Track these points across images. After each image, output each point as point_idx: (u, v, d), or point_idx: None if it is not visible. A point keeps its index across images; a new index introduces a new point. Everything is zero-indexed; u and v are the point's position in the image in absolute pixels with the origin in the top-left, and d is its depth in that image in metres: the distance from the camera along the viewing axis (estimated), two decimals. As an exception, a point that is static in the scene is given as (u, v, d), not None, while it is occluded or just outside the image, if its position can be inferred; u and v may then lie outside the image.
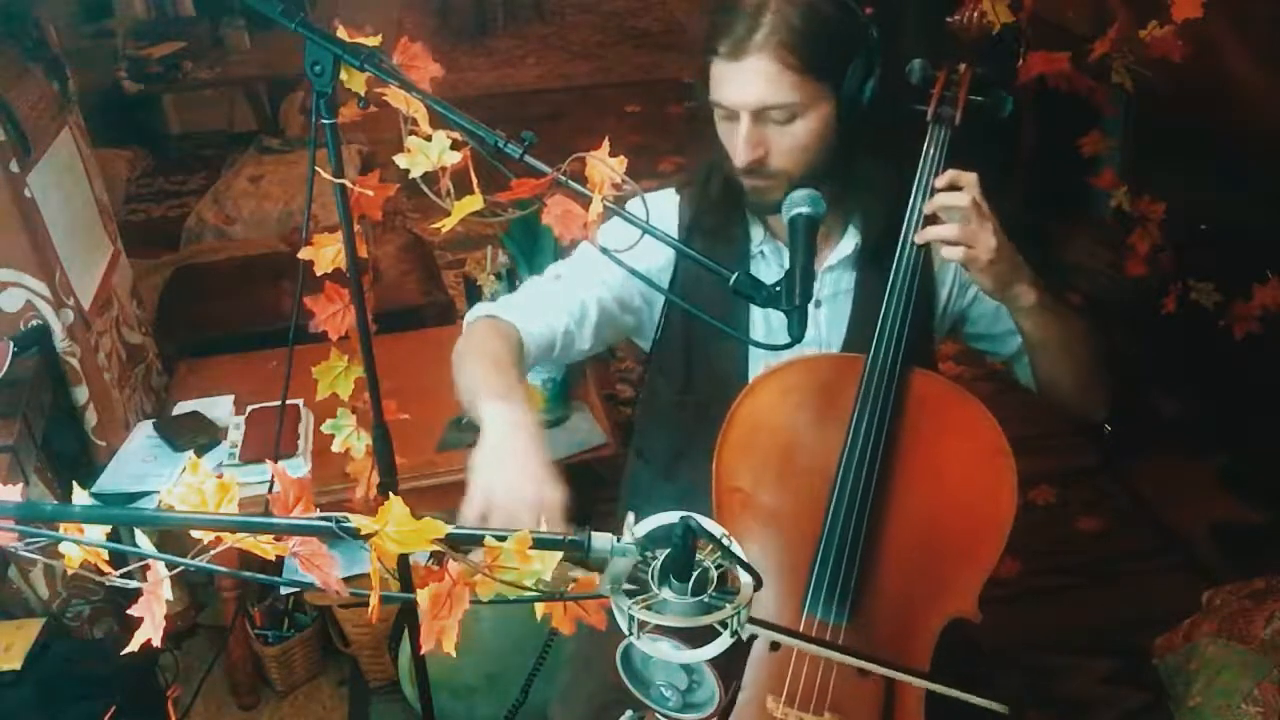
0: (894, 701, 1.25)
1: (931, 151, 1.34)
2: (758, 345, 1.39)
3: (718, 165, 1.39)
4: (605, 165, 1.02)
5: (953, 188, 1.27)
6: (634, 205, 1.08)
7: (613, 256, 1.11)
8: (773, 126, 1.29)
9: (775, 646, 1.27)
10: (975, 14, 1.40)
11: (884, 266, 1.33)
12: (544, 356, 1.42)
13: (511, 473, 1.11)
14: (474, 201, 1.02)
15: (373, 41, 1.06)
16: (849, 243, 1.43)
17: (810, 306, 1.41)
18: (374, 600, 0.77)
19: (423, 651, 0.80)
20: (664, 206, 1.48)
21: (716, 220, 1.43)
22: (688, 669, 0.88)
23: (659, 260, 1.43)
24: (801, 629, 1.27)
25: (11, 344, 1.93)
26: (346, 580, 0.77)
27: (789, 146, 1.30)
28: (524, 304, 1.42)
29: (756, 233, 1.45)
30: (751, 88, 1.27)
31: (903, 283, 1.31)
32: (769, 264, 1.45)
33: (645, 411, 1.64)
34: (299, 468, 2.00)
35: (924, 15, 1.59)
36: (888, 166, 1.38)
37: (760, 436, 1.35)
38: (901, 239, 1.32)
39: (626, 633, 0.84)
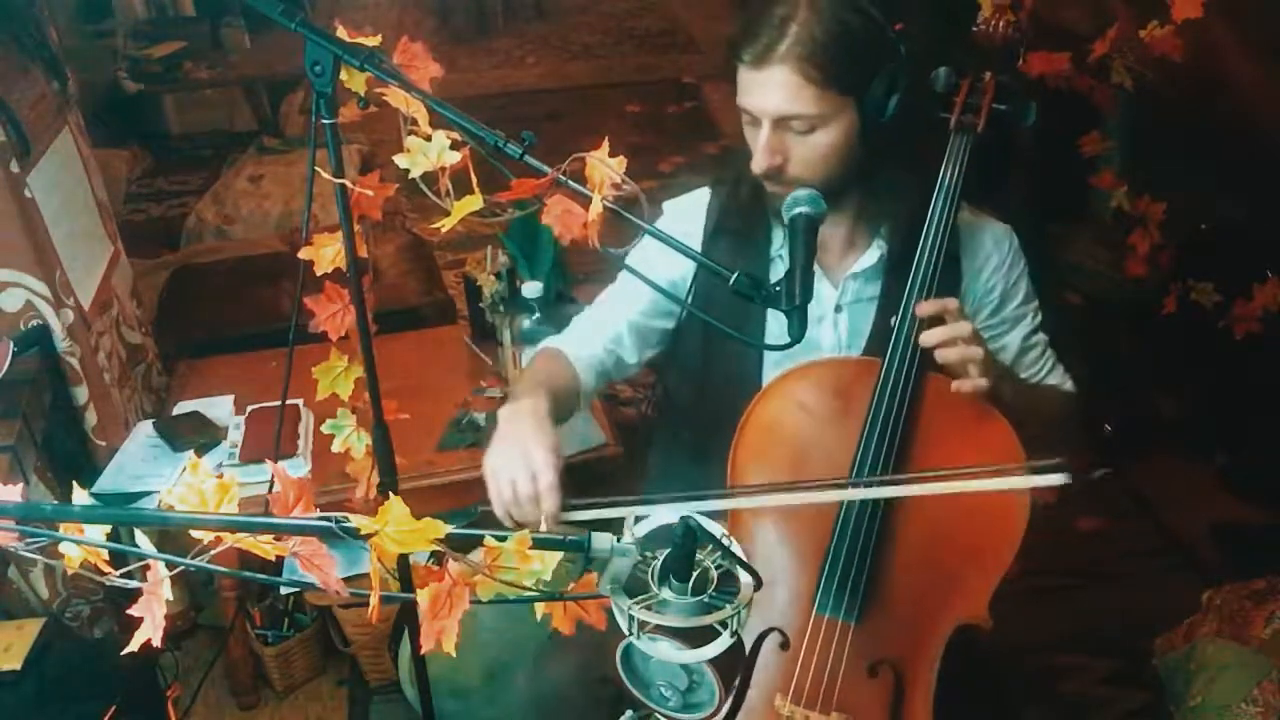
0: (902, 701, 1.25)
1: (953, 159, 1.33)
2: (759, 347, 1.40)
3: (747, 166, 1.39)
4: (605, 165, 1.02)
5: (940, 319, 1.27)
6: (657, 214, 1.10)
7: (629, 268, 1.17)
8: (793, 135, 1.29)
9: (784, 645, 1.28)
10: (1001, 22, 1.39)
11: (907, 275, 1.33)
12: (603, 379, 1.51)
13: (507, 443, 1.22)
14: (474, 201, 1.02)
15: (373, 41, 1.06)
16: (874, 252, 1.43)
17: (831, 312, 1.43)
18: (374, 600, 0.77)
19: (423, 651, 0.80)
20: (693, 208, 1.49)
21: (741, 223, 1.44)
22: (688, 669, 0.88)
23: (684, 263, 1.42)
24: (811, 627, 1.27)
25: (11, 344, 1.92)
26: (346, 580, 0.77)
27: (808, 156, 1.30)
28: (573, 333, 1.52)
29: (777, 236, 1.44)
30: (772, 97, 1.27)
31: (921, 288, 1.31)
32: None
33: (659, 410, 1.65)
34: (299, 468, 2.00)
35: (944, 22, 1.58)
36: (912, 174, 1.38)
37: (775, 437, 1.35)
38: (920, 245, 1.31)
39: (626, 633, 0.84)
